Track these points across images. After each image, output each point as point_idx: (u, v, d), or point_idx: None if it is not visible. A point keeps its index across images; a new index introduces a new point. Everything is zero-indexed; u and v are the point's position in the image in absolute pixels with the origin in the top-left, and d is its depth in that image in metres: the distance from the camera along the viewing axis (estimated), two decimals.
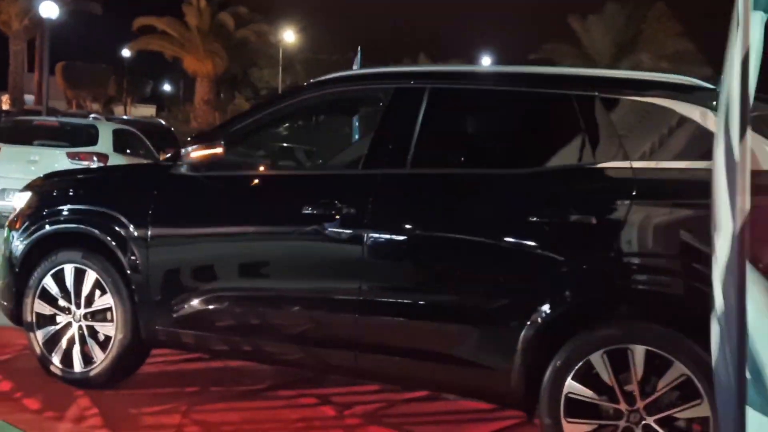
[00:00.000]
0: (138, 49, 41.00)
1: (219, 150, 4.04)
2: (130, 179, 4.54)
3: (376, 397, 4.56)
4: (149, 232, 4.19)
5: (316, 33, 48.82)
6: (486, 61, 39.59)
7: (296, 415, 4.22)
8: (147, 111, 53.40)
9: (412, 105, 3.80)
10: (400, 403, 4.50)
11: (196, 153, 4.06)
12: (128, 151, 12.17)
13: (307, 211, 3.82)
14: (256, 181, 4.18)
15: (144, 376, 4.61)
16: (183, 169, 4.21)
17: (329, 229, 3.77)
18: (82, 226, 4.40)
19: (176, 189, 4.24)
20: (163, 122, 18.21)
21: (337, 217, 3.74)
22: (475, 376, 3.53)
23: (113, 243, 4.27)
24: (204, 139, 4.12)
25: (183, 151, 4.13)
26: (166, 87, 68.66)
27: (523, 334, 3.37)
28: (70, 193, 4.61)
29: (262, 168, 4.37)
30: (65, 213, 4.50)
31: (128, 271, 4.24)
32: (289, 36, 49.62)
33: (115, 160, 11.26)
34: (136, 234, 4.22)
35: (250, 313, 4.01)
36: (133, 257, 4.22)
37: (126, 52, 47.41)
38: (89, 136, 11.50)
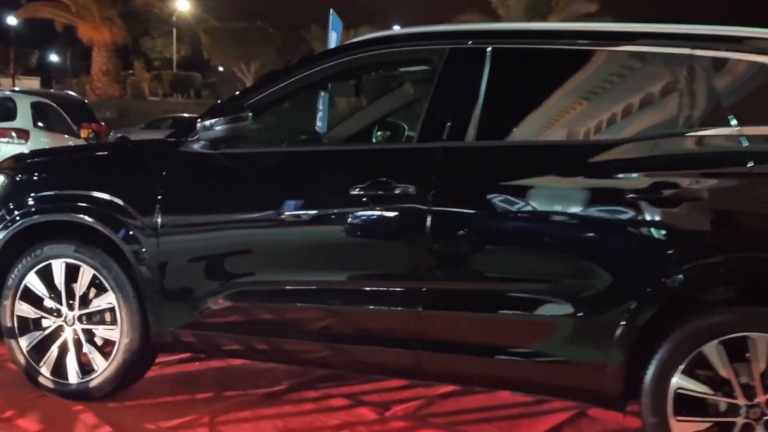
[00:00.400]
0: (26, 18, 38.54)
1: (245, 123, 3.49)
2: (130, 159, 3.91)
3: (408, 394, 4.14)
4: (159, 220, 3.61)
5: (214, 1, 47.29)
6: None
7: (334, 421, 3.76)
8: (32, 83, 50.66)
9: (473, 68, 3.34)
10: (438, 398, 4.09)
11: (217, 127, 3.49)
12: (42, 125, 11.20)
13: (356, 191, 3.34)
14: (290, 158, 3.65)
15: (143, 384, 4.04)
16: (197, 146, 3.63)
17: (385, 212, 3.31)
18: (74, 215, 3.77)
19: (191, 169, 3.66)
20: (75, 94, 16.99)
21: (394, 197, 3.27)
22: (563, 373, 3.15)
23: (115, 233, 3.67)
24: (224, 110, 3.54)
25: (199, 125, 3.55)
26: (53, 58, 65.53)
27: (620, 324, 3.01)
28: (56, 177, 3.96)
29: (296, 144, 3.83)
30: (51, 199, 3.86)
31: (134, 266, 3.66)
32: (183, 5, 47.94)
33: (36, 136, 10.35)
34: (143, 222, 3.63)
35: (289, 310, 3.50)
36: (139, 249, 3.63)
37: (12, 21, 44.61)
38: (6, 110, 10.52)
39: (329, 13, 8.89)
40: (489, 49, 3.36)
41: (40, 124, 10.65)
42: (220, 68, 53.02)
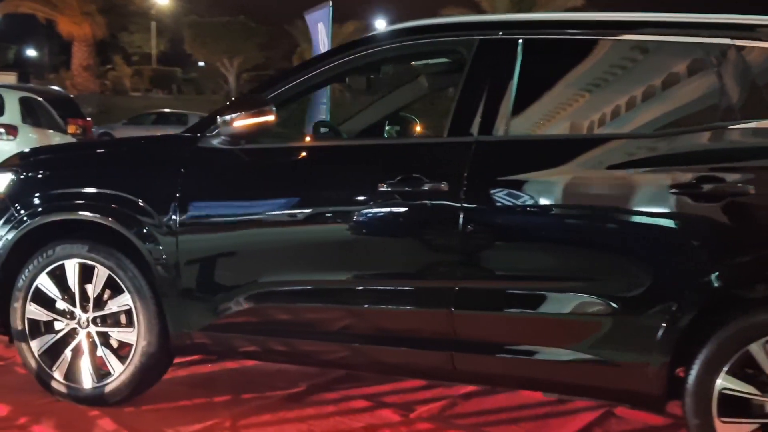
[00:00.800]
0: (4, 13, 37.94)
1: (270, 117, 3.37)
2: (146, 155, 3.78)
3: (429, 395, 4.05)
4: (177, 218, 3.49)
5: None
6: (381, 25, 38.85)
7: (359, 423, 3.66)
8: (9, 78, 49.95)
9: (505, 60, 3.25)
10: (461, 399, 4.00)
11: (239, 122, 3.36)
12: (31, 121, 10.98)
13: (384, 188, 3.23)
14: (314, 153, 3.53)
15: (159, 386, 3.89)
16: (216, 142, 3.52)
17: (415, 209, 3.21)
18: (87, 213, 3.64)
19: (210, 165, 3.54)
20: (59, 89, 16.72)
21: (425, 194, 3.18)
22: (605, 374, 3.06)
23: (131, 232, 3.54)
24: (246, 105, 3.42)
25: (219, 120, 3.42)
26: (30, 53, 64.63)
27: (664, 322, 2.92)
28: (67, 174, 3.81)
29: (320, 139, 3.71)
30: (63, 198, 3.71)
31: (151, 266, 3.53)
32: None
33: (25, 132, 10.14)
34: (160, 220, 3.50)
35: (316, 311, 3.39)
36: (157, 248, 3.51)
37: None
38: None
39: (328, 6, 8.79)
40: (521, 39, 3.26)
41: (28, 120, 10.44)
42: (201, 63, 52.60)
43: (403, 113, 4.93)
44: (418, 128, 5.03)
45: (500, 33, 3.32)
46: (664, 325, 2.93)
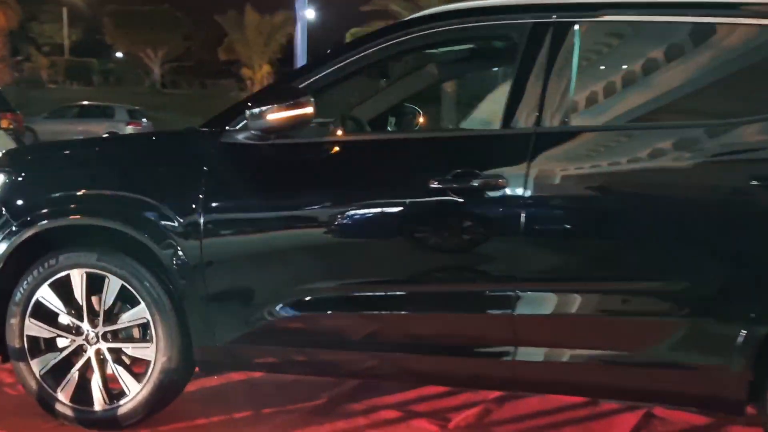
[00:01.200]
0: None
1: (308, 109, 3.08)
2: (161, 153, 3.43)
3: (458, 401, 3.82)
4: (202, 221, 3.17)
5: None
6: (311, 14, 38.17)
7: None
8: None
9: (562, 45, 3.03)
10: (493, 404, 3.79)
11: (272, 115, 3.06)
12: None
13: (436, 184, 2.99)
14: (353, 148, 3.26)
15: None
16: (242, 136, 3.21)
17: (470, 207, 2.98)
18: (97, 218, 3.28)
19: (237, 162, 3.23)
20: None
21: (481, 190, 2.94)
22: (680, 379, 2.89)
23: (148, 237, 3.21)
24: (280, 95, 3.11)
25: (248, 113, 3.11)
26: None
27: (746, 323, 2.77)
28: (70, 174, 3.43)
29: (356, 132, 3.43)
30: (67, 200, 3.35)
31: (171, 274, 3.21)
32: None
33: None
34: (182, 224, 3.18)
35: (363, 319, 3.13)
36: (178, 255, 3.18)
37: None
38: None
39: None
40: (577, 22, 3.05)
41: None
42: (119, 54, 51.02)
43: (407, 104, 4.68)
44: (421, 120, 4.79)
45: (554, 16, 3.10)
46: (746, 325, 2.77)
